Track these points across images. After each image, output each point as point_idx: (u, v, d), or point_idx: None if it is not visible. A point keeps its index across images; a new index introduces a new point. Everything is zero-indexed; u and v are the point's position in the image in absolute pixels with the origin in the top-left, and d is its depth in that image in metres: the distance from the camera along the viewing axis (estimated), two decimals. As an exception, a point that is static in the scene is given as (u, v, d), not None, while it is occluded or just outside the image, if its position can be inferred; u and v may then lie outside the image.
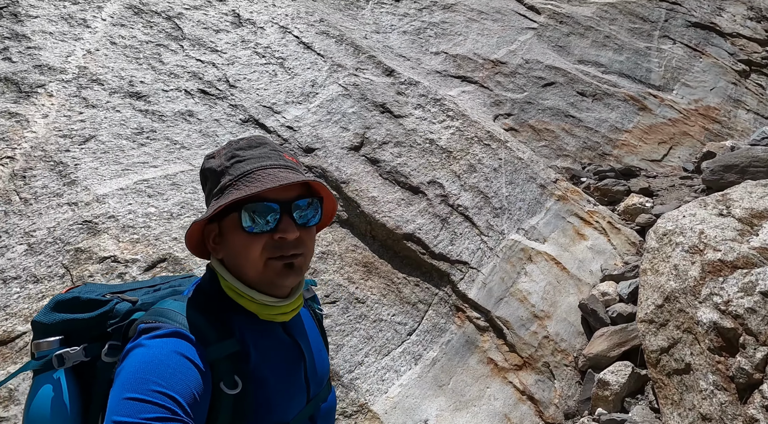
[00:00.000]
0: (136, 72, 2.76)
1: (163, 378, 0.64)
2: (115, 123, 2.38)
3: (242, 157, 0.80)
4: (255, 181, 0.77)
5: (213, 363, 0.73)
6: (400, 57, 4.31)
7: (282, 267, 0.79)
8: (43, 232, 1.80)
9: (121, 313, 0.80)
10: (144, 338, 0.70)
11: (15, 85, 2.35)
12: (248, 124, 2.83)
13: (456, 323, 2.57)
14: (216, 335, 0.75)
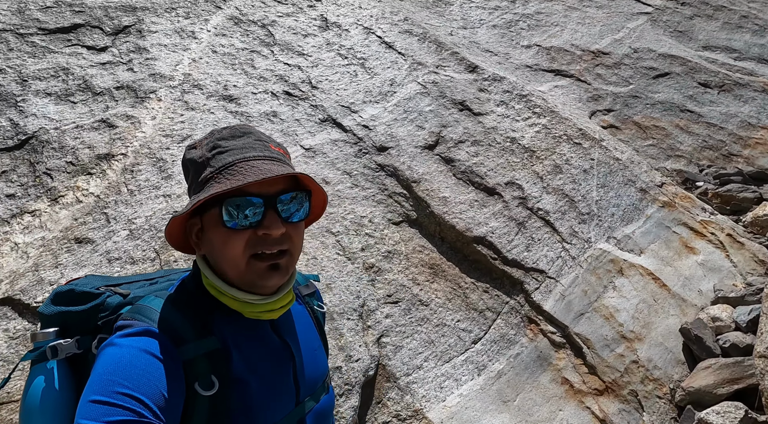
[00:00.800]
0: (231, 77, 3.02)
1: (129, 379, 0.62)
2: (208, 123, 2.63)
3: (224, 148, 0.75)
4: (237, 174, 0.72)
5: (187, 362, 0.70)
6: (487, 52, 4.12)
7: (265, 268, 0.75)
8: (142, 219, 2.05)
9: (112, 306, 0.78)
10: (116, 337, 0.68)
11: (133, 91, 2.72)
12: (326, 123, 2.93)
13: (527, 335, 2.39)
14: (193, 333, 0.72)
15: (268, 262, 0.75)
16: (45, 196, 2.12)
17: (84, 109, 2.57)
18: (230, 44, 3.29)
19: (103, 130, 2.45)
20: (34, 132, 2.38)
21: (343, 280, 2.19)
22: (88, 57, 2.93)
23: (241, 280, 0.76)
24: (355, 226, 2.45)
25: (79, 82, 2.72)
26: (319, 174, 2.60)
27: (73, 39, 3.04)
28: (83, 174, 2.23)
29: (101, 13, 3.26)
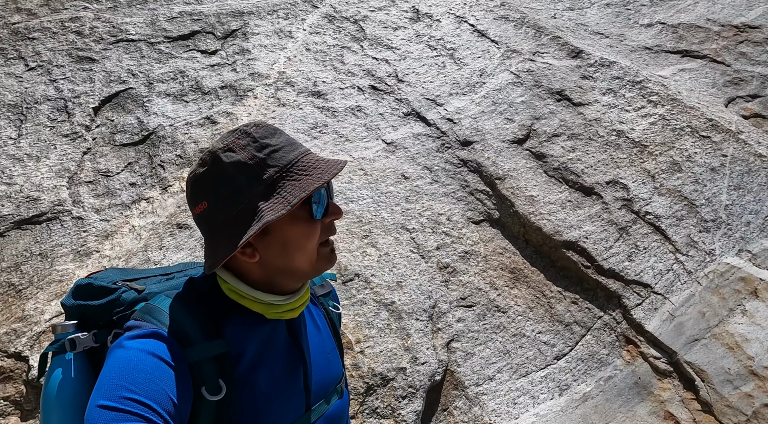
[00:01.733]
0: (321, 73, 3.12)
1: (136, 383, 0.63)
2: (297, 119, 2.75)
3: (276, 146, 0.74)
4: (309, 168, 0.74)
5: (194, 365, 0.70)
6: (596, 35, 3.68)
7: (329, 252, 0.80)
8: (231, 209, 2.23)
9: (127, 302, 0.80)
10: (124, 338, 0.69)
11: (234, 90, 2.96)
12: (409, 117, 2.88)
13: (624, 357, 2.09)
14: (202, 335, 0.72)
15: (330, 246, 0.80)
16: (158, 186, 2.41)
17: (194, 107, 2.86)
18: (323, 41, 3.40)
19: (206, 127, 2.71)
20: (154, 129, 2.71)
21: (414, 279, 2.14)
22: (201, 60, 3.26)
23: (310, 270, 0.79)
24: (431, 223, 2.37)
25: (192, 83, 3.04)
26: (399, 169, 2.57)
27: (191, 45, 3.41)
28: (188, 166, 2.48)
29: (214, 20, 3.60)
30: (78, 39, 3.36)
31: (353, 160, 2.56)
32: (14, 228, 2.20)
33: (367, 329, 1.89)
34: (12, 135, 2.67)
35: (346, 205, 2.31)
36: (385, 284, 2.05)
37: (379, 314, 1.95)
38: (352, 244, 2.15)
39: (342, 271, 2.04)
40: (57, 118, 2.79)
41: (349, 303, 1.95)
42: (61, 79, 3.03)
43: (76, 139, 2.68)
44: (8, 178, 2.40)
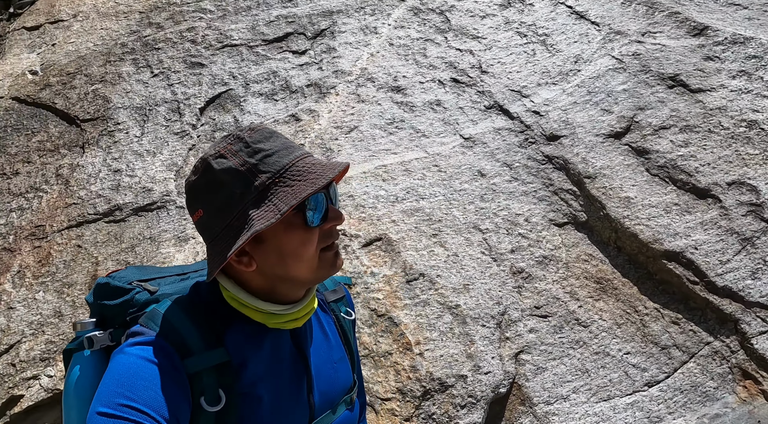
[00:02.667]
0: (402, 68, 3.10)
1: (134, 391, 0.63)
2: (374, 115, 2.77)
3: (269, 151, 0.71)
4: (306, 173, 0.70)
5: (194, 375, 0.69)
6: (731, 6, 3.10)
7: (333, 257, 0.77)
8: (306, 203, 2.33)
9: (140, 303, 0.80)
10: (126, 345, 0.69)
11: (318, 88, 3.08)
12: (491, 110, 2.72)
13: (738, 394, 1.76)
14: (203, 345, 0.71)
15: (334, 250, 0.77)
16: (245, 179, 2.62)
17: (281, 105, 3.04)
18: (406, 35, 3.37)
19: (291, 124, 2.86)
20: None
21: (483, 282, 2.02)
22: (291, 60, 3.45)
23: (313, 277, 0.76)
24: (507, 224, 2.22)
25: (282, 82, 3.24)
26: (475, 166, 2.44)
27: (284, 46, 3.62)
28: (272, 161, 2.65)
29: (306, 21, 3.78)
30: (192, 47, 3.77)
31: (428, 156, 2.50)
32: (132, 215, 2.56)
33: (429, 331, 1.84)
34: (137, 133, 3.10)
35: (417, 203, 2.27)
36: (451, 286, 1.97)
37: (442, 317, 1.88)
38: (420, 242, 2.11)
39: (407, 269, 2.01)
40: (171, 118, 3.17)
41: (412, 303, 1.91)
42: (176, 84, 3.44)
43: (184, 136, 3.02)
44: (131, 171, 2.80)
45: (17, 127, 3.35)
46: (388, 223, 2.17)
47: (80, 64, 3.86)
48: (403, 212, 2.22)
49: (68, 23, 4.50)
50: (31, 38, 4.45)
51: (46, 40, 4.38)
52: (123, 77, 3.58)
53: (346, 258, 2.05)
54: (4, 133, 3.33)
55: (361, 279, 1.99)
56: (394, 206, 2.24)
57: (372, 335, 1.83)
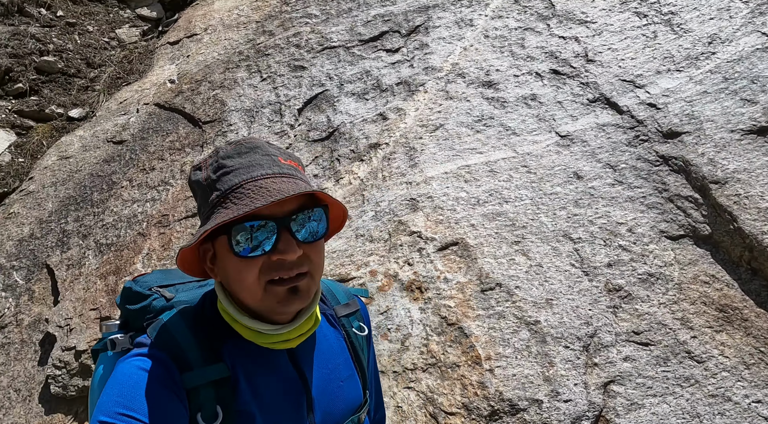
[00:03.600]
0: (495, 61, 2.91)
1: (134, 402, 0.63)
2: (462, 112, 2.65)
3: (229, 168, 0.70)
4: (244, 197, 0.67)
5: (192, 391, 0.69)
6: None
7: (285, 292, 0.70)
8: (386, 203, 2.32)
9: (156, 309, 0.83)
10: (130, 355, 0.71)
11: (408, 85, 3.05)
12: (595, 104, 2.42)
13: None
14: (202, 360, 0.71)
15: (286, 286, 0.70)
16: (332, 178, 2.71)
17: (371, 105, 3.09)
18: (504, 26, 3.16)
19: (378, 123, 2.88)
20: (337, 126, 3.05)
21: (570, 298, 1.81)
22: (384, 59, 3.47)
23: (260, 308, 0.72)
24: (605, 234, 1.95)
25: (373, 82, 3.28)
26: (571, 166, 2.20)
27: (379, 45, 3.67)
28: (357, 161, 2.71)
29: (402, 18, 3.77)
30: (296, 51, 4.02)
31: (516, 156, 2.32)
32: (235, 208, 2.84)
33: (502, 346, 1.71)
34: (244, 134, 3.42)
35: (500, 206, 2.12)
36: (531, 300, 1.81)
37: (518, 332, 1.74)
38: (499, 249, 1.97)
39: (483, 278, 1.89)
40: (273, 119, 3.43)
41: (485, 314, 1.79)
42: (280, 87, 3.71)
43: (282, 136, 3.24)
44: (236, 168, 3.11)
45: (156, 129, 3.93)
46: (467, 227, 2.06)
47: (206, 72, 4.37)
48: (483, 215, 2.09)
49: (200, 36, 5.13)
50: (172, 51, 5.17)
51: (183, 52, 5.05)
52: (237, 82, 3.97)
53: (419, 261, 2.01)
54: (147, 135, 3.93)
55: (433, 284, 1.92)
56: (474, 209, 2.13)
57: (440, 343, 1.76)
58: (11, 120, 4.36)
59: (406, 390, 1.70)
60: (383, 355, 1.80)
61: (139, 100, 4.46)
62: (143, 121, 4.08)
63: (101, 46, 5.43)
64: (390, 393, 1.70)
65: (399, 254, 2.06)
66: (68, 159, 4.08)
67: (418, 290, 1.92)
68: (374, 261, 2.08)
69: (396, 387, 1.71)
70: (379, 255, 2.10)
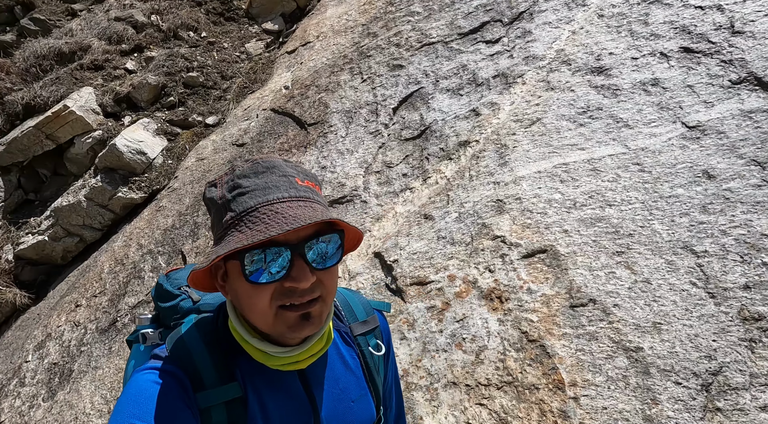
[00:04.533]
0: (609, 43, 2.55)
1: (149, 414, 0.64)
2: (563, 104, 2.37)
3: (245, 189, 0.68)
4: (258, 222, 0.65)
5: (205, 410, 0.69)
6: None
7: (297, 318, 0.68)
8: (470, 204, 2.19)
9: (183, 310, 0.85)
10: (146, 367, 0.71)
11: (505, 78, 2.85)
12: (740, 86, 1.95)
13: None
14: (217, 378, 0.71)
15: (298, 312, 0.68)
16: (420, 177, 2.66)
17: (465, 100, 2.95)
18: (623, 2, 2.75)
19: (470, 119, 2.74)
20: (429, 124, 2.98)
21: (687, 324, 1.49)
22: (483, 51, 3.30)
23: (271, 332, 0.71)
24: (743, 247, 1.57)
25: (469, 76, 3.14)
26: (700, 163, 1.81)
27: (478, 37, 3.49)
28: (446, 159, 2.61)
29: (505, 6, 3.54)
30: (395, 50, 4.05)
31: (627, 152, 1.99)
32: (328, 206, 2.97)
33: (591, 372, 1.48)
34: (342, 134, 3.56)
35: (601, 210, 1.84)
36: (634, 322, 1.53)
37: (613, 359, 1.49)
38: (597, 260, 1.71)
39: (573, 291, 1.66)
40: (369, 119, 3.51)
41: (573, 333, 1.57)
42: (378, 87, 3.77)
43: (377, 135, 3.29)
44: (333, 168, 3.24)
45: (270, 132, 4.33)
46: (559, 233, 1.84)
47: (314, 77, 4.66)
48: (580, 220, 1.84)
49: (312, 44, 5.49)
50: (289, 60, 5.63)
51: (297, 60, 5.46)
52: (340, 85, 4.15)
53: (501, 268, 1.85)
54: (262, 137, 4.35)
55: (515, 295, 1.75)
56: (569, 213, 1.88)
57: (519, 361, 1.60)
58: (164, 128, 5.20)
59: (477, 407, 1.58)
60: (456, 365, 1.70)
61: (259, 106, 4.96)
62: (260, 126, 4.52)
63: (233, 59, 6.16)
64: (461, 407, 1.61)
65: (480, 259, 1.93)
66: (203, 160, 4.72)
67: (498, 299, 1.78)
68: (454, 265, 1.98)
69: (468, 402, 1.61)
70: (460, 259, 1.99)
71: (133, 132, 4.89)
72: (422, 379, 1.74)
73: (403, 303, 2.00)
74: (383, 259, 2.26)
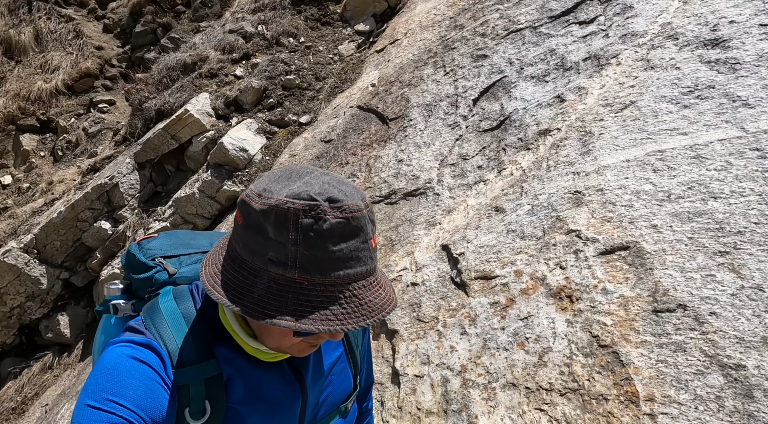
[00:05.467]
0: (731, 10, 2.16)
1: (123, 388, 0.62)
2: (665, 83, 2.07)
3: (328, 254, 0.58)
4: (333, 302, 0.59)
5: (182, 386, 0.67)
6: None
7: (306, 346, 0.70)
8: (544, 196, 2.02)
9: (158, 283, 0.80)
10: (122, 340, 0.69)
11: (597, 60, 2.57)
12: None
13: None
14: (196, 356, 0.69)
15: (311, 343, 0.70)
16: (495, 169, 2.53)
17: (549, 87, 2.74)
18: (751, -40, 2.31)
19: (553, 106, 2.53)
20: (509, 113, 2.82)
21: (812, 344, 1.19)
22: (575, 33, 3.02)
23: (279, 349, 0.71)
24: None
25: (557, 61, 2.90)
26: None
27: (571, 18, 3.21)
28: (523, 150, 2.45)
29: (604, -18, 3.20)
30: (480, 40, 3.92)
31: (743, 136, 1.66)
32: (402, 199, 2.97)
33: (674, 388, 1.27)
34: (421, 128, 3.53)
35: (703, 203, 1.56)
36: (735, 335, 1.27)
37: (705, 375, 1.25)
38: (692, 260, 1.45)
39: (658, 294, 1.43)
40: (448, 111, 3.44)
41: (654, 342, 1.36)
42: (460, 79, 3.68)
43: (455, 128, 3.21)
44: (409, 161, 3.24)
45: (354, 128, 4.47)
46: (646, 228, 1.60)
47: (399, 73, 4.71)
48: (674, 215, 1.59)
49: (400, 41, 5.55)
50: (377, 58, 5.76)
51: (385, 58, 5.57)
52: (423, 79, 4.13)
53: (574, 265, 1.67)
54: (347, 133, 4.51)
55: (588, 294, 1.57)
56: (661, 206, 1.63)
57: (587, 367, 1.43)
58: (263, 127, 5.68)
59: (537, 412, 1.46)
60: (517, 366, 1.58)
61: (347, 104, 5.15)
62: (346, 122, 4.70)
63: (327, 61, 6.50)
64: (519, 410, 1.49)
65: (551, 255, 1.77)
66: (295, 156, 5.05)
67: (568, 298, 1.61)
68: (522, 260, 1.85)
69: (526, 405, 1.49)
70: (528, 254, 1.85)
71: (237, 131, 5.42)
72: (480, 376, 1.65)
73: (466, 297, 1.92)
74: (450, 251, 2.20)
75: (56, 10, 10.53)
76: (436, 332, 1.92)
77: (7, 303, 5.58)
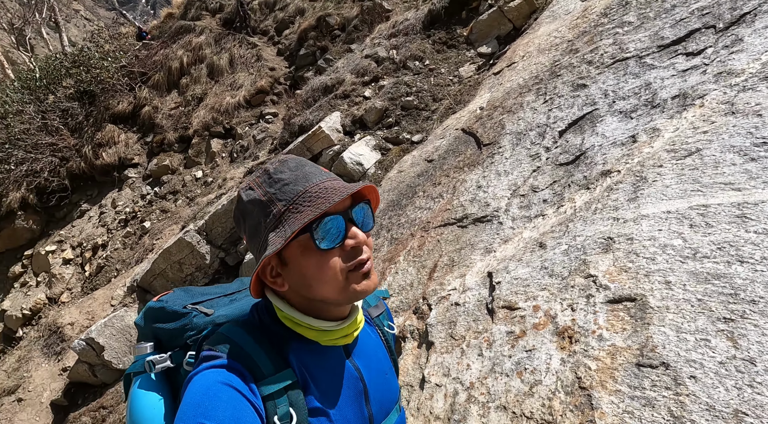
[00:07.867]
0: None
1: (215, 412, 0.64)
2: (739, 132, 1.91)
3: (286, 180, 0.76)
4: (315, 198, 0.74)
5: (267, 397, 0.72)
6: None
7: (362, 276, 0.77)
8: (582, 238, 2.05)
9: (198, 326, 0.84)
10: (202, 368, 0.72)
11: (683, 99, 2.42)
12: None
13: None
14: (272, 368, 0.75)
15: (362, 271, 0.78)
16: (556, 204, 2.58)
17: (631, 124, 2.65)
18: None
19: (625, 146, 2.47)
20: (585, 150, 2.81)
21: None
22: (677, 66, 2.84)
23: (342, 296, 0.77)
24: None
25: (648, 96, 2.78)
26: None
27: (680, 49, 3.01)
28: (584, 188, 2.46)
29: (726, 8, 2.93)
30: (585, 68, 3.86)
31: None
32: (472, 223, 3.17)
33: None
34: (506, 156, 3.65)
35: (727, 267, 1.48)
36: (708, 402, 1.25)
37: None
38: (692, 322, 1.41)
39: (646, 349, 1.44)
40: (534, 141, 3.50)
41: (627, 393, 1.39)
42: (555, 108, 3.69)
43: (535, 159, 3.27)
44: (486, 188, 3.41)
45: (454, 150, 4.75)
46: (659, 283, 1.59)
47: (504, 98, 4.84)
48: (692, 273, 1.55)
49: (516, 64, 5.63)
50: (492, 81, 5.92)
51: (499, 81, 5.70)
52: (522, 106, 4.21)
53: (582, 309, 1.73)
54: (447, 155, 4.81)
55: (585, 338, 1.63)
56: (683, 264, 1.60)
57: (564, 404, 1.53)
58: (380, 144, 6.31)
59: (516, 435, 1.61)
60: (511, 391, 1.74)
61: (454, 126, 5.44)
62: (449, 144, 5.00)
63: (446, 83, 6.86)
64: (503, 430, 1.66)
65: (566, 295, 1.85)
66: (401, 172, 5.54)
67: (569, 339, 1.70)
68: (543, 297, 1.96)
69: (509, 427, 1.65)
70: (550, 291, 1.94)
71: (357, 147, 6.15)
72: (482, 395, 1.85)
73: (491, 323, 2.11)
74: (491, 279, 2.38)
75: (246, 39, 13.03)
76: (461, 349, 2.15)
77: (184, 270, 7.28)
